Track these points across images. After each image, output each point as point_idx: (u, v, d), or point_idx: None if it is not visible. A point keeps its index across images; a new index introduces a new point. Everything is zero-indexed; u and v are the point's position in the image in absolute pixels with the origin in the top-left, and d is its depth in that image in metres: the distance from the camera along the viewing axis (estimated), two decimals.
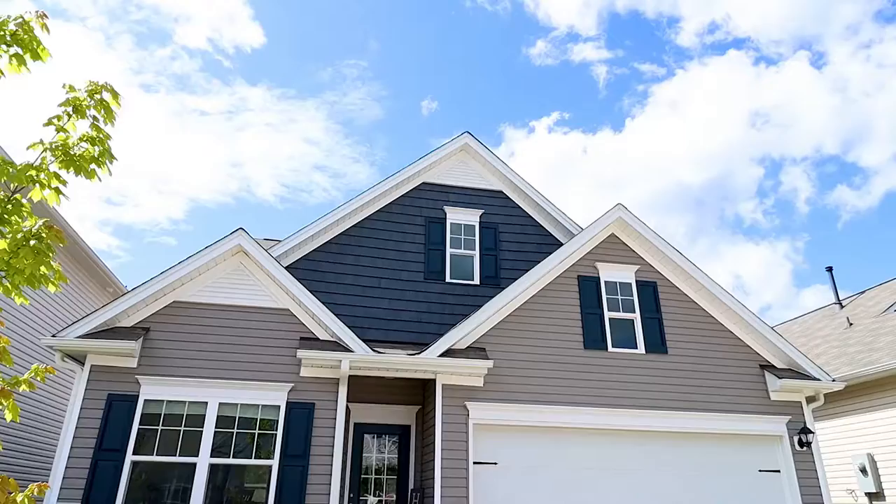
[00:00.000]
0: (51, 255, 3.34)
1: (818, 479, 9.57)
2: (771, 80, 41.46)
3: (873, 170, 41.88)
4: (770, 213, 50.68)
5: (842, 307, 17.83)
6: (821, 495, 9.47)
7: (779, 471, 9.71)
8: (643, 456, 9.41)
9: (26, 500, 3.84)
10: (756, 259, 52.78)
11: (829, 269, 18.72)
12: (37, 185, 3.40)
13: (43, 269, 3.33)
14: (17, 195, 3.32)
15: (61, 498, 7.56)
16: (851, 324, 15.84)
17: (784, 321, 20.87)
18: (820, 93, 42.84)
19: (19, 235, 3.21)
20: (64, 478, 7.66)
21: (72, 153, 3.43)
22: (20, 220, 3.29)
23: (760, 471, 9.69)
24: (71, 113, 3.50)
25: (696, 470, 9.49)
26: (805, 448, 9.69)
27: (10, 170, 3.24)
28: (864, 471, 12.27)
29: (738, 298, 10.48)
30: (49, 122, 3.47)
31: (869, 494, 12.27)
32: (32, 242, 3.20)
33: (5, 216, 3.20)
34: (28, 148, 3.36)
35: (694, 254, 57.30)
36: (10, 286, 3.28)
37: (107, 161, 3.61)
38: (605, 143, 49.68)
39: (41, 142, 3.41)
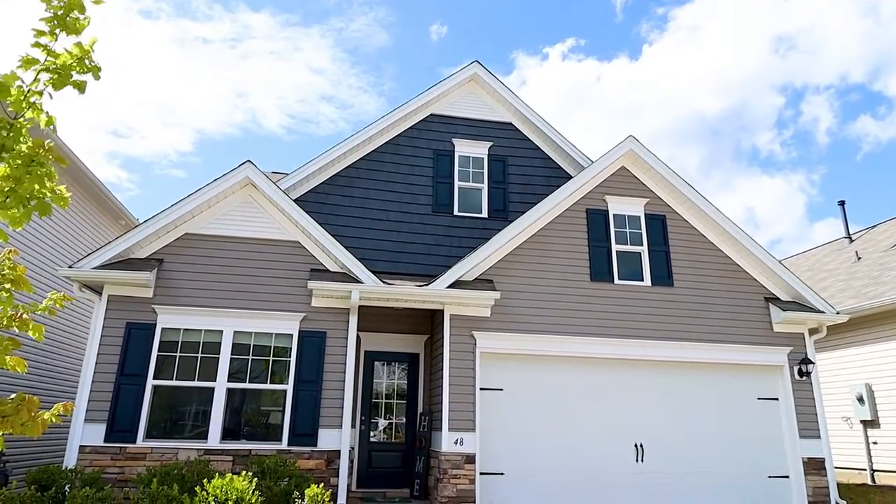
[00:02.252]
0: (51, 179, 3.29)
1: (815, 406, 9.86)
2: (798, 1, 39.61)
3: None
4: (788, 144, 49.68)
5: (851, 241, 17.77)
6: (817, 422, 9.79)
7: (777, 399, 10.00)
8: (646, 383, 9.70)
9: (52, 418, 4.05)
10: (770, 192, 52.19)
11: (842, 203, 18.52)
12: (30, 108, 3.29)
13: (43, 190, 3.26)
14: (19, 120, 3.27)
15: (88, 419, 7.99)
16: (860, 258, 15.83)
17: (792, 255, 20.87)
18: (849, 16, 40.92)
19: (19, 162, 3.17)
20: (89, 400, 8.06)
21: (57, 66, 3.28)
22: (21, 144, 3.24)
23: (759, 398, 9.98)
24: (56, 25, 3.33)
25: (696, 397, 9.80)
26: (804, 378, 9.93)
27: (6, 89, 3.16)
28: (861, 400, 12.61)
29: (748, 232, 10.48)
30: (37, 44, 3.33)
31: (864, 422, 12.66)
32: (31, 166, 3.15)
33: (5, 144, 3.17)
34: (19, 67, 3.23)
35: (706, 186, 56.71)
36: (17, 214, 3.28)
37: (93, 70, 3.43)
38: (621, 71, 48.26)
39: (32, 58, 3.27)
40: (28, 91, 3.21)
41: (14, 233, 9.62)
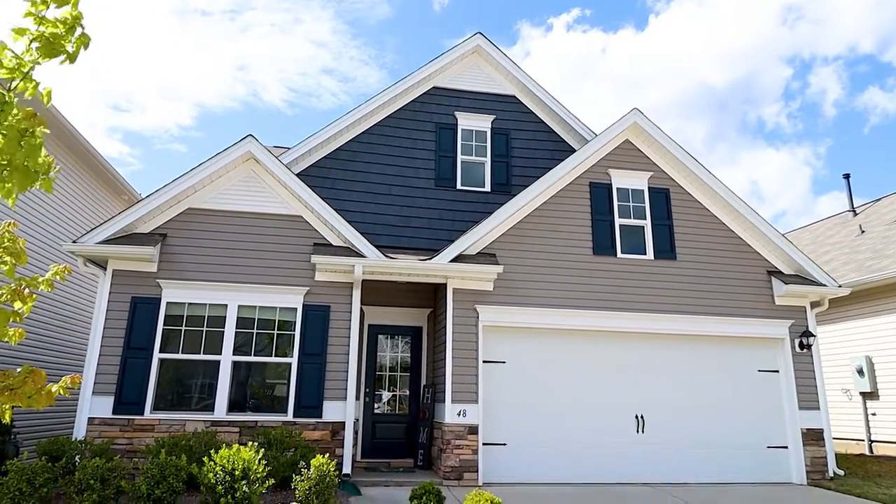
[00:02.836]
0: (40, 149, 3.26)
1: (815, 378, 9.93)
2: None
3: None
4: (795, 116, 49.17)
5: (855, 214, 17.68)
6: (816, 393, 9.87)
7: (777, 371, 10.07)
8: (647, 356, 9.77)
9: (61, 390, 4.10)
10: (775, 165, 51.82)
11: (847, 177, 18.38)
12: (22, 79, 3.24)
13: (36, 162, 3.25)
14: (11, 93, 3.24)
15: (96, 392, 8.10)
16: (863, 231, 15.78)
17: (795, 228, 20.81)
18: None
19: (11, 135, 3.15)
20: (97, 373, 8.16)
21: (48, 36, 3.23)
22: (14, 117, 3.21)
23: (760, 371, 10.06)
24: None
25: (697, 369, 9.87)
26: (805, 350, 9.98)
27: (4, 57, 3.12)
28: (860, 372, 12.70)
29: (751, 205, 10.44)
30: (28, 13, 3.27)
31: (863, 394, 12.77)
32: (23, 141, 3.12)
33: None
34: (12, 37, 3.18)
35: (711, 160, 56.28)
36: (13, 185, 3.26)
37: (81, 40, 3.37)
38: (627, 42, 47.55)
39: (22, 28, 3.21)
40: (20, 61, 3.17)
41: (15, 206, 9.63)
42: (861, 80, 43.97)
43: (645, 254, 10.10)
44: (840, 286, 10.36)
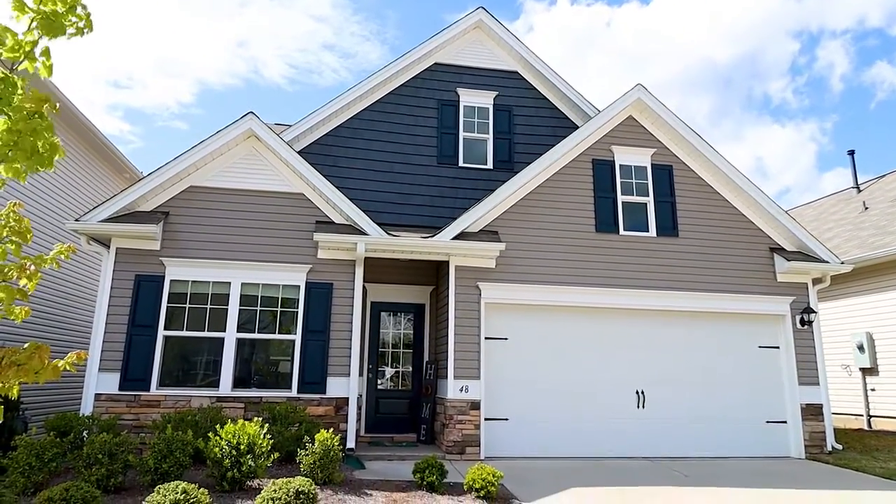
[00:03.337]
0: (49, 132, 3.25)
1: (815, 354, 9.98)
2: None
3: None
4: (801, 92, 48.63)
5: (859, 191, 17.59)
6: (816, 369, 9.94)
7: (778, 347, 10.12)
8: (649, 332, 9.82)
9: (67, 366, 4.15)
10: (780, 141, 51.43)
11: (851, 153, 18.23)
12: (26, 58, 3.21)
13: (45, 143, 3.24)
14: (13, 73, 3.21)
15: (102, 368, 8.19)
16: (867, 208, 15.71)
17: (798, 205, 20.72)
18: None
19: (19, 115, 3.13)
20: (102, 350, 8.25)
21: (49, 14, 3.19)
22: (18, 97, 3.19)
23: (760, 347, 10.11)
24: None
25: (698, 346, 9.92)
26: (806, 327, 10.02)
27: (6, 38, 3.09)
28: (861, 348, 12.76)
29: (755, 182, 10.39)
30: None
31: (863, 369, 12.85)
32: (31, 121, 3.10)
33: (2, 97, 3.13)
34: (14, 15, 3.14)
35: (715, 136, 55.84)
36: (19, 168, 3.26)
37: (84, 20, 3.34)
38: (631, 16, 46.85)
39: (22, 3, 3.17)
40: (23, 41, 3.13)
41: (17, 186, 9.63)
42: (869, 55, 43.42)
43: (647, 231, 10.09)
44: (842, 263, 10.36)
